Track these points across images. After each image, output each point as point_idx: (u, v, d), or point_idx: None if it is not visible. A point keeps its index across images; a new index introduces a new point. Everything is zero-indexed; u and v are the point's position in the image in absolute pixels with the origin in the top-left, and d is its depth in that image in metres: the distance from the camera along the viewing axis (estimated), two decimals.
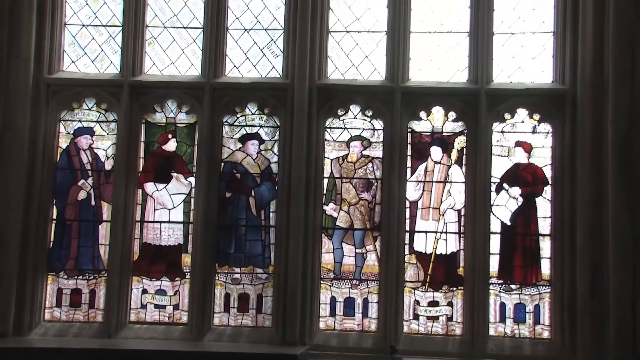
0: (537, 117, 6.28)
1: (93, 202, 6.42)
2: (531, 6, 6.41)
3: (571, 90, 6.16)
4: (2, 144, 6.14)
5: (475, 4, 6.38)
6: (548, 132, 6.29)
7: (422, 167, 6.36)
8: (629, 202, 5.68)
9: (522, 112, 6.30)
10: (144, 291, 6.35)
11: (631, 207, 5.68)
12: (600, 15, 5.95)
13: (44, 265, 6.34)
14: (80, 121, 6.48)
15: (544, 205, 6.25)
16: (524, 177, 6.29)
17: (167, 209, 6.41)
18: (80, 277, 6.37)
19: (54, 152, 6.43)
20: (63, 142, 6.47)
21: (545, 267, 6.22)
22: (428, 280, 6.27)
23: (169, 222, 6.41)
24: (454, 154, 6.34)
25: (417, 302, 6.24)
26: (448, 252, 6.29)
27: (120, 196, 6.32)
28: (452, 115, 6.34)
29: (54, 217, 6.40)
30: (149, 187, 6.42)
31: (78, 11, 6.61)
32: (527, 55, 6.39)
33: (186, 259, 6.37)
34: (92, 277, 6.37)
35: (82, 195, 6.41)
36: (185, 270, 6.35)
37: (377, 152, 6.39)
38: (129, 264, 6.32)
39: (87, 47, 6.59)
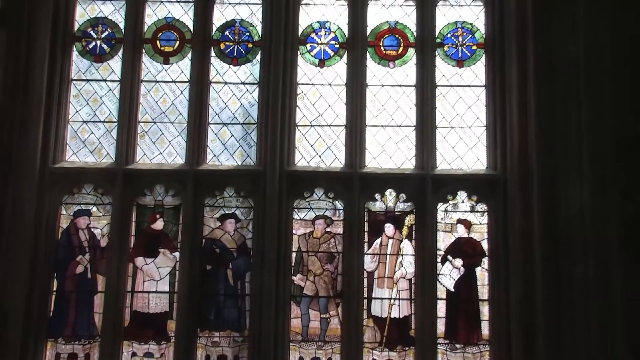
0: (474, 198, 6.82)
1: (89, 275, 6.72)
2: (467, 105, 7.05)
3: (502, 176, 6.72)
4: (12, 225, 6.47)
5: (420, 103, 6.98)
6: (484, 211, 6.81)
7: (377, 241, 6.81)
8: (555, 270, 6.06)
9: (462, 194, 6.83)
10: (134, 354, 6.63)
11: (556, 275, 6.05)
12: (524, 113, 6.52)
13: (45, 332, 6.60)
14: (79, 204, 6.82)
15: (482, 274, 6.74)
16: (465, 249, 6.78)
17: (154, 280, 6.72)
18: (77, 342, 6.64)
19: (55, 232, 6.74)
20: (64, 223, 6.79)
21: (485, 329, 6.66)
22: (384, 341, 6.65)
23: (156, 292, 6.71)
24: (405, 230, 6.82)
25: None
26: (401, 316, 6.70)
27: (114, 270, 6.63)
28: (402, 196, 6.84)
29: (55, 289, 6.68)
30: (139, 261, 6.76)
31: (80, 109, 7.04)
32: (465, 146, 6.97)
33: (171, 325, 6.65)
34: (87, 342, 6.64)
35: (79, 269, 6.74)
36: (170, 335, 6.63)
37: (338, 229, 6.82)
38: (121, 330, 6.61)
39: (87, 140, 7.00)
